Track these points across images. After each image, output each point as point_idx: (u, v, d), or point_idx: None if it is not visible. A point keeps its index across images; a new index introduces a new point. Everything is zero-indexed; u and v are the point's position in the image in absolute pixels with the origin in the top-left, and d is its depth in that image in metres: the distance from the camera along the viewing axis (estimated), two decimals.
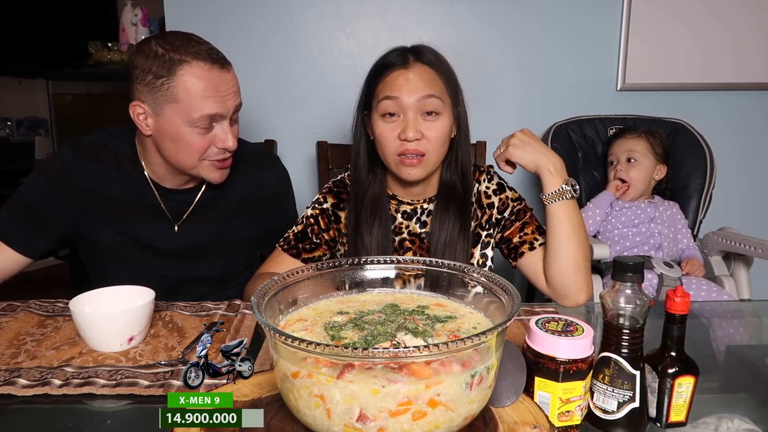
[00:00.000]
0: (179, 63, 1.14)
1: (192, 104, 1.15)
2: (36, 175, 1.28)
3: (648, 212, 1.84)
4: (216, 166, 1.24)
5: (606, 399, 0.72)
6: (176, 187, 1.32)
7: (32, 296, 1.15)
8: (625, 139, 1.91)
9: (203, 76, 1.15)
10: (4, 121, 4.43)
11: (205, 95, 1.15)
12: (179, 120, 1.16)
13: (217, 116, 1.18)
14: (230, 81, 1.20)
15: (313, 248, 1.29)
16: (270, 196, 1.42)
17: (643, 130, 1.92)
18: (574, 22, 2.08)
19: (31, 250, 1.27)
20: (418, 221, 1.31)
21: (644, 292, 0.71)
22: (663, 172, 1.90)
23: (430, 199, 1.31)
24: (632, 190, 1.87)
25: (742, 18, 2.10)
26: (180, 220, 1.33)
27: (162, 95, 1.15)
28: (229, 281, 1.43)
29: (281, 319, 0.73)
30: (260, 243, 1.45)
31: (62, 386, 0.81)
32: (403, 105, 1.18)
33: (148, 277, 1.28)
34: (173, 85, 1.14)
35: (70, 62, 3.91)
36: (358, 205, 1.27)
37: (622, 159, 1.89)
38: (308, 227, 1.30)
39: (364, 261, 0.81)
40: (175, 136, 1.18)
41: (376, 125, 1.22)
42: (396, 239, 1.30)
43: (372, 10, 2.02)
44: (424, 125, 1.19)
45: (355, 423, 0.57)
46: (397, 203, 1.32)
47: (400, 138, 1.19)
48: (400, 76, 1.19)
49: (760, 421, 0.73)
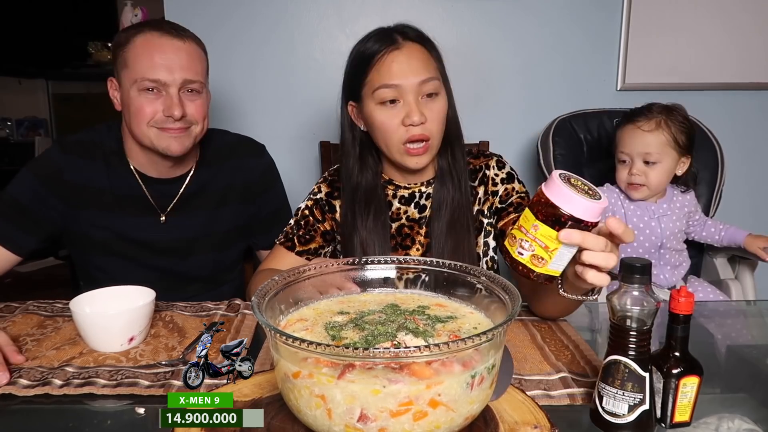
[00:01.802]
0: (136, 33, 1.22)
1: (136, 68, 1.20)
2: (25, 172, 1.29)
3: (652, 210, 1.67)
4: (167, 133, 1.23)
5: (617, 403, 0.71)
6: (161, 175, 1.32)
7: (32, 296, 1.15)
8: (640, 132, 1.59)
9: (151, 41, 1.21)
10: (4, 121, 4.43)
11: (150, 59, 1.19)
12: (129, 85, 1.22)
13: (159, 82, 1.20)
14: (182, 50, 1.22)
15: (308, 240, 1.28)
16: (256, 183, 1.42)
17: (659, 111, 1.60)
18: (574, 22, 2.08)
19: (21, 248, 1.27)
20: (417, 206, 1.27)
21: (651, 293, 0.71)
22: (686, 164, 1.64)
23: (428, 182, 1.27)
24: (648, 191, 1.62)
25: (741, 18, 2.09)
26: (166, 211, 1.33)
27: (120, 63, 1.22)
28: (221, 277, 1.43)
29: (282, 319, 0.73)
30: (249, 233, 1.45)
31: (63, 386, 0.81)
32: (403, 90, 1.14)
33: (140, 273, 1.30)
34: (126, 51, 1.21)
35: (70, 62, 3.91)
36: (352, 199, 1.24)
37: (637, 161, 1.60)
38: (302, 219, 1.29)
39: (365, 261, 0.81)
40: (127, 103, 1.23)
41: (374, 114, 1.17)
42: (393, 226, 1.27)
43: (372, 11, 2.02)
44: (425, 107, 1.15)
45: (356, 423, 0.57)
46: (394, 188, 1.28)
47: (404, 123, 1.15)
48: (393, 60, 1.14)
49: (761, 421, 0.73)
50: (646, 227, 1.66)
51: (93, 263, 1.35)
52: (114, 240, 1.31)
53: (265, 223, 1.42)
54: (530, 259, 0.73)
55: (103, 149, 1.31)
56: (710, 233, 1.71)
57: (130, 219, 1.31)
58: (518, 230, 0.73)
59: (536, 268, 0.73)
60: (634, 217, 1.67)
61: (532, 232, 0.72)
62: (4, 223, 1.25)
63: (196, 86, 1.24)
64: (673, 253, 1.69)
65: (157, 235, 1.33)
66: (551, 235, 0.71)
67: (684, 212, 1.69)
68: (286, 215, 1.40)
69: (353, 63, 1.22)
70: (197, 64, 1.25)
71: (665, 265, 1.68)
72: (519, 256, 0.73)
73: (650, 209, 1.66)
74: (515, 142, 2.15)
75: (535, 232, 0.71)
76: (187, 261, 1.37)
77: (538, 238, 0.72)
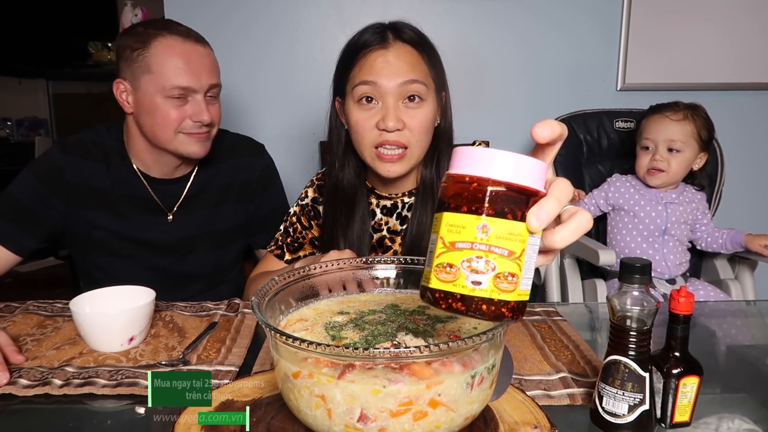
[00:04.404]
0: (155, 36, 1.19)
1: (164, 75, 1.18)
2: (26, 173, 1.29)
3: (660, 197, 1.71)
4: (194, 138, 1.24)
5: (617, 403, 0.71)
6: (165, 176, 1.33)
7: (32, 296, 1.15)
8: (668, 120, 1.67)
9: (176, 47, 1.19)
10: (4, 121, 4.43)
11: (177, 66, 1.18)
12: (153, 91, 1.20)
13: (189, 89, 1.20)
14: (205, 56, 1.23)
15: (297, 248, 1.27)
16: (256, 182, 1.42)
17: (684, 106, 1.69)
18: (574, 22, 2.08)
19: (22, 248, 1.27)
20: (398, 217, 1.22)
21: (651, 293, 0.71)
22: (703, 160, 1.72)
23: (410, 192, 1.21)
24: (666, 177, 1.69)
25: (741, 18, 2.10)
26: (173, 211, 1.33)
27: (138, 67, 1.20)
28: (221, 276, 1.44)
29: (282, 319, 0.73)
30: (248, 232, 1.46)
31: (63, 386, 0.81)
32: (382, 90, 1.06)
33: (140, 273, 1.30)
34: (147, 56, 1.19)
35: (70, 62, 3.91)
36: (333, 198, 1.19)
37: (661, 148, 1.67)
38: (291, 226, 1.28)
39: (365, 261, 0.81)
40: (151, 109, 1.21)
41: (351, 113, 1.11)
42: (375, 236, 1.22)
43: (372, 10, 2.02)
44: (405, 113, 1.07)
45: (356, 423, 0.57)
46: (376, 198, 1.23)
47: (378, 127, 1.07)
48: (378, 57, 1.07)
49: (761, 422, 0.73)
50: (652, 210, 1.72)
51: (93, 263, 1.35)
52: (115, 240, 1.32)
53: (265, 222, 1.42)
54: (494, 284, 0.47)
55: (104, 149, 1.31)
56: (714, 238, 1.74)
57: (133, 219, 1.31)
58: (448, 252, 0.47)
59: (509, 295, 0.47)
60: (642, 200, 1.74)
61: (482, 239, 0.46)
62: (4, 223, 1.25)
63: (216, 90, 1.26)
64: (677, 243, 1.72)
65: (162, 235, 1.33)
66: (513, 231, 0.47)
67: (692, 207, 1.74)
68: (285, 214, 1.40)
69: (343, 54, 1.16)
70: (216, 68, 1.27)
71: (668, 253, 1.71)
72: (474, 289, 0.47)
73: (659, 196, 1.73)
74: (515, 143, 2.15)
75: (486, 236, 0.46)
76: (188, 260, 1.37)
77: (495, 245, 0.46)
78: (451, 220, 0.47)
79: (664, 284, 1.67)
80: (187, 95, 1.21)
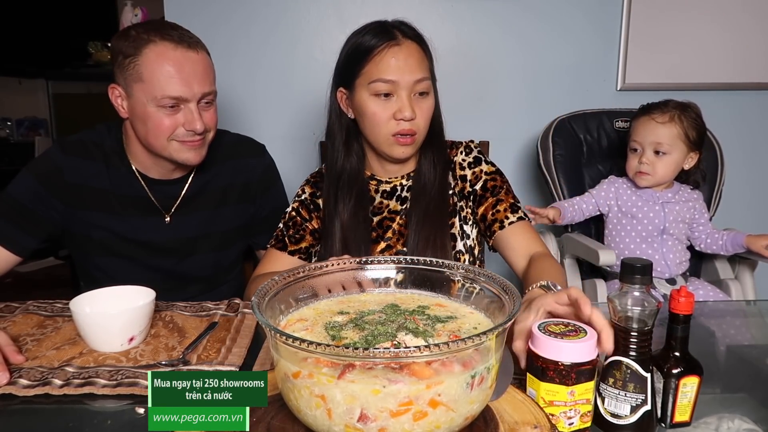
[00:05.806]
0: (146, 42, 1.17)
1: (155, 84, 1.17)
2: (25, 173, 1.29)
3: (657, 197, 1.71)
4: (187, 146, 1.23)
5: (618, 404, 0.71)
6: (163, 177, 1.32)
7: (32, 296, 1.15)
8: (653, 123, 1.67)
9: (166, 54, 1.17)
10: (4, 121, 4.43)
11: (168, 75, 1.17)
12: (145, 100, 1.18)
13: (181, 99, 1.19)
14: (198, 63, 1.20)
15: (299, 240, 1.30)
16: (256, 183, 1.42)
17: (674, 106, 1.67)
18: (574, 22, 2.08)
19: (22, 248, 1.27)
20: (398, 198, 1.31)
21: (652, 293, 0.71)
22: (694, 160, 1.70)
23: (408, 175, 1.32)
24: (653, 179, 1.69)
25: (741, 18, 2.10)
26: (170, 212, 1.33)
27: (130, 74, 1.18)
28: (221, 277, 1.43)
29: (282, 319, 0.73)
30: (248, 233, 1.45)
31: (63, 386, 0.81)
32: (399, 86, 1.19)
33: (140, 273, 1.29)
34: (138, 64, 1.17)
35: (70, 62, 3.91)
36: (336, 185, 1.27)
37: (647, 150, 1.67)
38: (290, 220, 1.32)
39: (365, 261, 0.81)
40: (143, 117, 1.20)
41: (367, 104, 1.21)
42: (375, 219, 1.30)
43: (372, 11, 2.02)
44: (417, 104, 1.20)
45: (356, 423, 0.57)
46: (376, 183, 1.32)
47: (395, 118, 1.19)
48: (392, 57, 1.18)
49: (761, 421, 0.73)
50: (650, 211, 1.71)
51: (93, 263, 1.35)
52: (114, 240, 1.31)
53: (266, 223, 1.42)
54: (581, 420, 0.71)
55: (104, 150, 1.31)
56: (714, 239, 1.73)
57: (132, 219, 1.31)
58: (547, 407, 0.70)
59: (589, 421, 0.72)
60: (639, 201, 1.74)
61: (570, 398, 0.70)
62: (4, 223, 1.25)
63: (210, 97, 1.25)
64: (676, 242, 1.72)
65: (161, 236, 1.33)
66: (587, 388, 0.70)
67: (689, 206, 1.73)
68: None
69: (349, 52, 1.24)
70: (210, 74, 1.25)
71: (667, 253, 1.70)
72: (569, 426, 0.71)
73: (655, 196, 1.73)
74: (515, 142, 2.15)
75: (574, 397, 0.70)
76: (188, 261, 1.37)
77: (579, 400, 0.70)
78: (547, 388, 0.70)
79: (664, 284, 1.67)
80: (179, 104, 1.19)
